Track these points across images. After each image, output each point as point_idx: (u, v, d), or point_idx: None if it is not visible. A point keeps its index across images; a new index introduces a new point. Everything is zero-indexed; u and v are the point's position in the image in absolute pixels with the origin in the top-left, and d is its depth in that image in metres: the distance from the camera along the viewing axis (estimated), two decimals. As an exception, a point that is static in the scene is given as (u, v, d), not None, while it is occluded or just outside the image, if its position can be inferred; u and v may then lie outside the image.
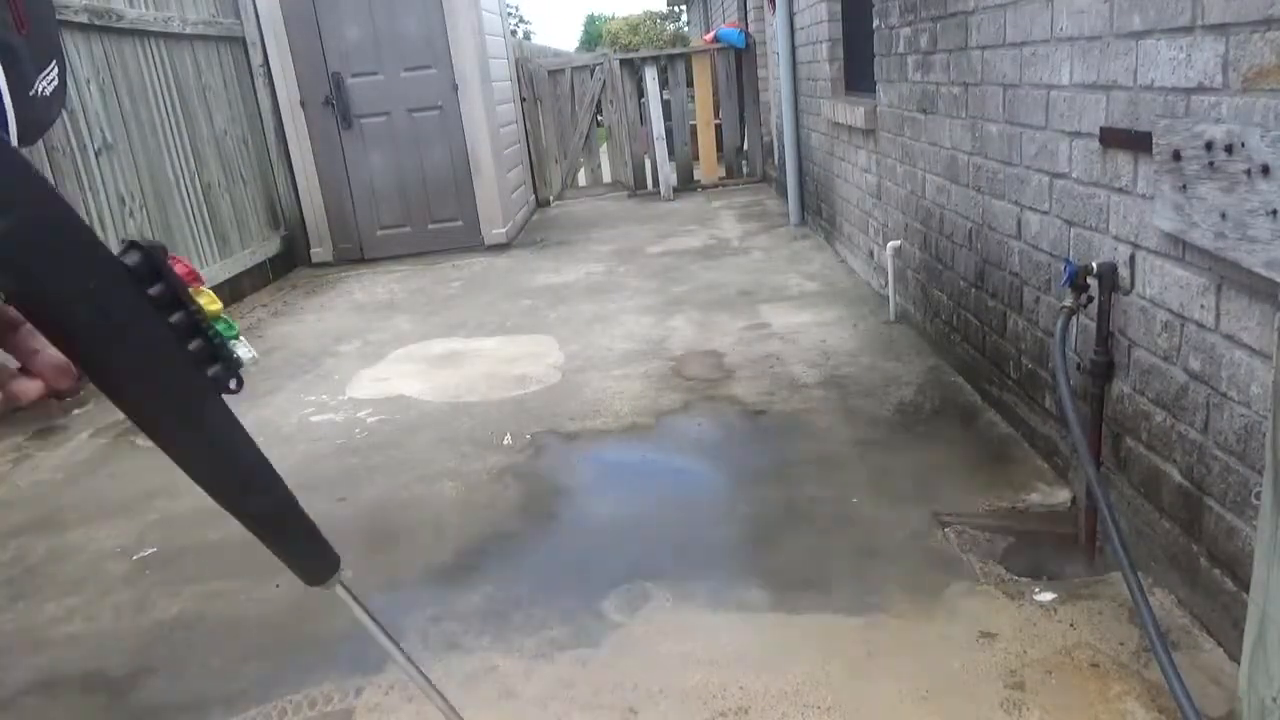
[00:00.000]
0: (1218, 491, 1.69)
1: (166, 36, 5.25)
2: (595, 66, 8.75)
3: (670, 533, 2.38)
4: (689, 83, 8.65)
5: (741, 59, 8.60)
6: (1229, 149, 1.47)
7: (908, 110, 3.64)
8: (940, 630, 1.87)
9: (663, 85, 8.89)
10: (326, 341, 4.60)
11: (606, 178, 9.28)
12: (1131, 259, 1.95)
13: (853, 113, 4.50)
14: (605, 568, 2.23)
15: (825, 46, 5.20)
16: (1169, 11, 1.71)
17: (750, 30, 8.46)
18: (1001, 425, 2.80)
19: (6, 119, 0.67)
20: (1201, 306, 1.70)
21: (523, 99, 8.49)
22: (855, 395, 3.20)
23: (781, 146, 6.77)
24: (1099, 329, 2.03)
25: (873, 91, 4.17)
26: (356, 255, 6.75)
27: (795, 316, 4.24)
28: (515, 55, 8.48)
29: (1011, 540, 2.18)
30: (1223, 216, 1.51)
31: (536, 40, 22.69)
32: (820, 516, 2.38)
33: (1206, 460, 1.72)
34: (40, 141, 3.68)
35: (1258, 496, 1.43)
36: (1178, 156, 1.63)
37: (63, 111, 3.39)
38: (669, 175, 8.67)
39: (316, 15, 6.32)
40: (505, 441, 3.09)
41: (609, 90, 8.68)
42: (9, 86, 0.67)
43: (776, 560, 2.20)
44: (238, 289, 5.70)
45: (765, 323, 4.18)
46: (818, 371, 3.47)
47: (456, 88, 6.51)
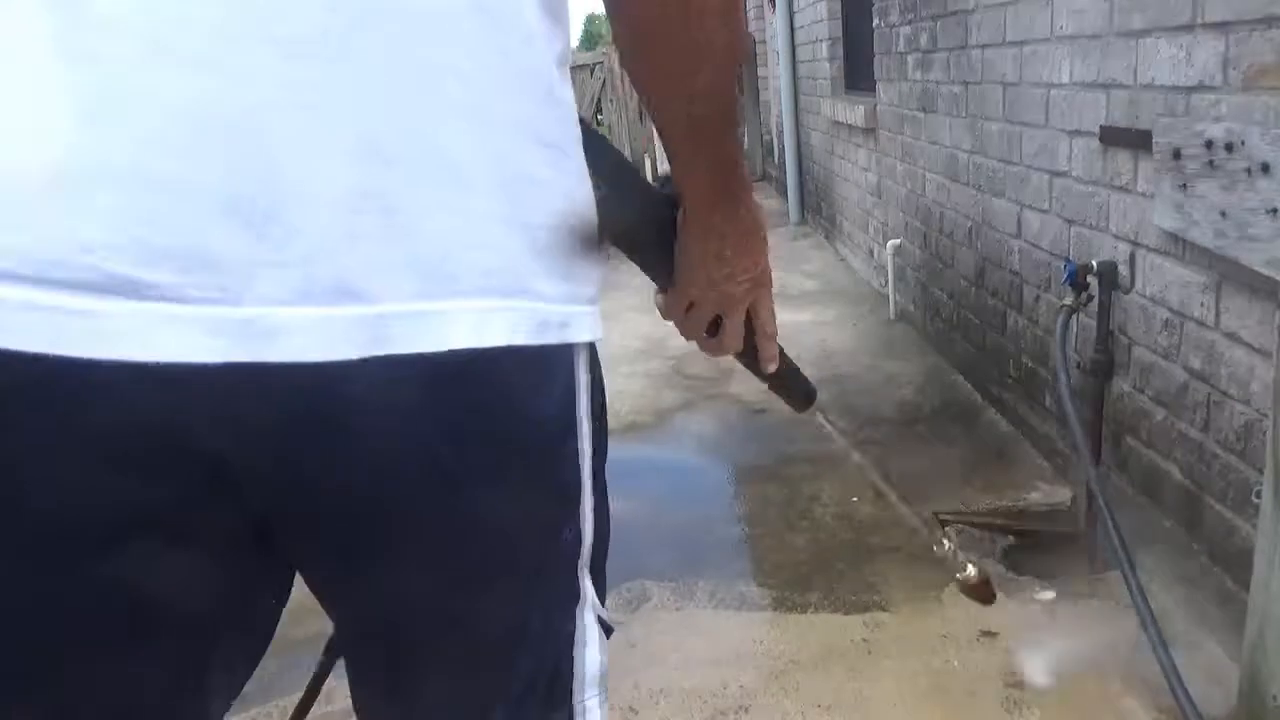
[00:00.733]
0: (1218, 490, 1.68)
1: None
2: (595, 65, 8.74)
3: (670, 531, 2.37)
4: (689, 82, 8.63)
5: (741, 58, 8.59)
6: (1229, 147, 1.47)
7: (908, 109, 3.63)
8: (940, 629, 1.87)
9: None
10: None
11: (607, 177, 9.28)
12: (1131, 257, 1.95)
13: (853, 111, 4.50)
14: (606, 566, 2.23)
15: (825, 45, 5.20)
16: (1169, 10, 1.71)
17: (750, 29, 8.45)
18: (1001, 424, 2.80)
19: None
20: (1201, 305, 1.70)
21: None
22: (855, 394, 3.20)
23: (781, 145, 6.77)
24: (1099, 327, 2.02)
25: (873, 90, 4.17)
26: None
27: (795, 315, 4.23)
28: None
29: (1011, 540, 2.18)
30: (1223, 215, 1.50)
31: (536, 39, 22.60)
32: (820, 515, 2.38)
33: (1206, 459, 1.72)
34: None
35: (1258, 495, 1.43)
36: (1178, 155, 1.63)
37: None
38: (669, 174, 8.66)
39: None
40: (505, 441, 3.08)
41: (609, 89, 8.67)
42: None
43: (777, 559, 2.20)
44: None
45: (765, 322, 4.17)
46: (818, 370, 3.46)
47: (456, 87, 6.50)
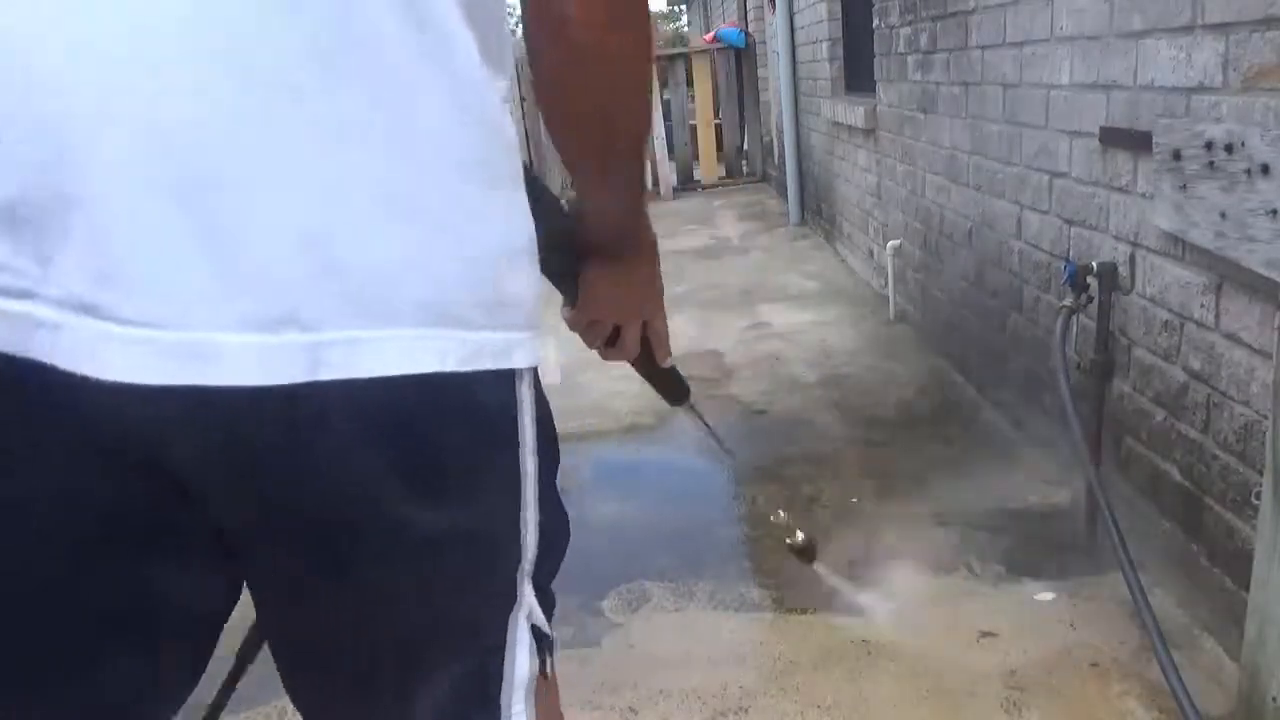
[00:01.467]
0: (1217, 491, 1.68)
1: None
2: (595, 66, 8.74)
3: (670, 532, 2.38)
4: (689, 82, 8.64)
5: (741, 59, 8.60)
6: (1229, 148, 1.47)
7: (908, 110, 3.64)
8: (940, 630, 1.87)
9: (662, 85, 8.88)
10: (326, 341, 4.59)
11: (606, 177, 9.28)
12: (1131, 258, 1.95)
13: (853, 112, 4.50)
14: (605, 567, 2.23)
15: (825, 46, 5.20)
16: (1169, 11, 1.71)
17: (750, 30, 8.46)
18: (1001, 425, 2.80)
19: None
20: (1201, 306, 1.70)
21: (523, 99, 8.48)
22: (855, 394, 3.20)
23: (781, 146, 6.77)
24: (1099, 328, 2.03)
25: (873, 91, 4.17)
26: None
27: (795, 316, 4.24)
28: (515, 55, 8.46)
29: (1011, 540, 2.18)
30: (1223, 216, 1.51)
31: (536, 40, 22.62)
32: (820, 516, 2.38)
33: (1206, 460, 1.72)
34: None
35: (1258, 496, 1.43)
36: (1178, 156, 1.63)
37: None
38: (669, 175, 8.67)
39: (316, 15, 6.31)
40: (505, 441, 3.08)
41: (609, 90, 8.67)
42: None
43: (776, 559, 2.20)
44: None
45: (765, 322, 4.18)
46: (818, 371, 3.47)
47: (456, 87, 6.50)
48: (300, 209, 0.56)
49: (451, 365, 0.59)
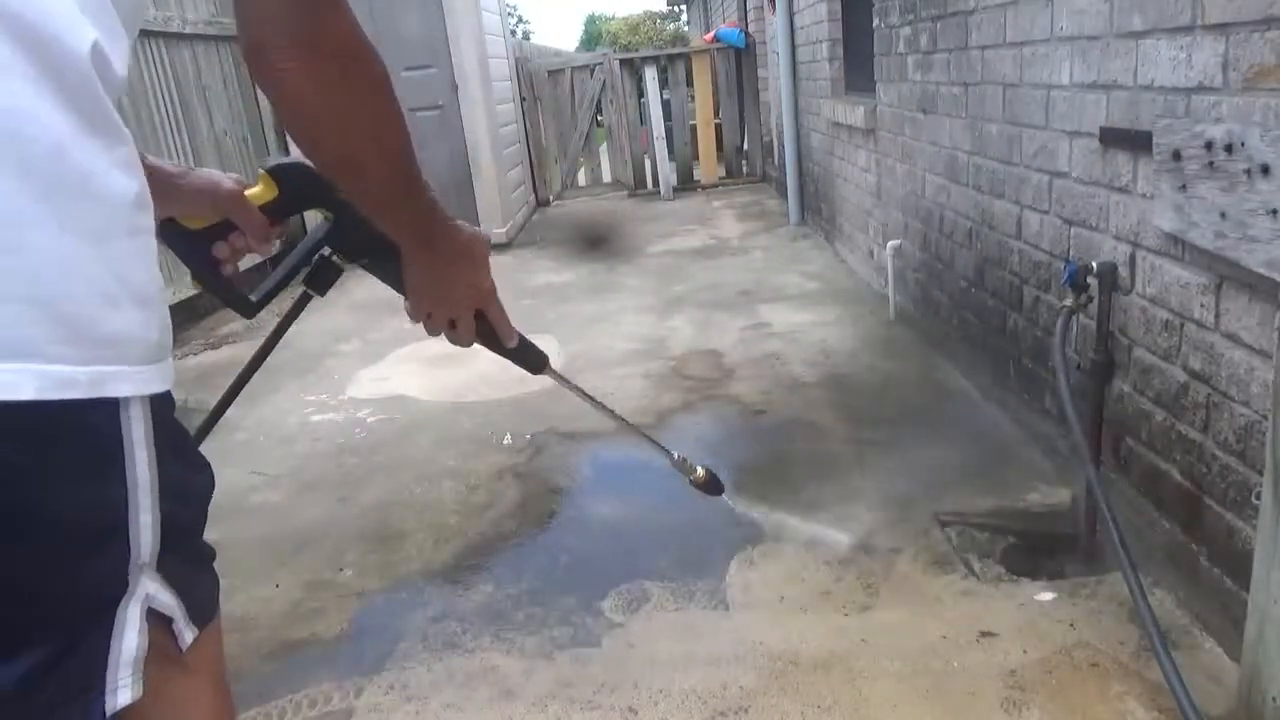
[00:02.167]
0: (1217, 491, 1.69)
1: (166, 36, 5.24)
2: (595, 66, 8.75)
3: (670, 532, 2.37)
4: (689, 82, 8.65)
5: (741, 59, 8.60)
6: (1229, 148, 1.47)
7: (908, 110, 3.64)
8: (940, 630, 1.87)
9: (662, 85, 8.89)
10: (326, 341, 4.60)
11: (606, 177, 9.28)
12: (1131, 258, 1.95)
13: (853, 112, 4.50)
14: (605, 567, 2.23)
15: (825, 46, 5.20)
16: (1169, 11, 1.71)
17: (750, 30, 8.46)
18: (1001, 425, 2.80)
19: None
20: (1201, 306, 1.70)
21: (522, 99, 8.49)
22: (855, 395, 3.20)
23: (781, 146, 6.77)
24: (1099, 328, 2.03)
25: (873, 91, 4.18)
26: (356, 255, 6.75)
27: (795, 316, 4.24)
28: (515, 55, 8.48)
29: (1011, 540, 2.19)
30: (1222, 216, 1.51)
31: (536, 40, 22.69)
32: (820, 516, 2.38)
33: (1206, 460, 1.72)
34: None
35: (1258, 496, 1.43)
36: (1178, 156, 1.63)
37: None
38: (669, 175, 8.67)
39: (316, 15, 6.32)
40: (505, 441, 3.09)
41: (609, 90, 8.68)
42: None
43: (776, 559, 2.20)
44: (238, 289, 5.69)
45: (765, 322, 4.18)
46: (818, 371, 3.47)
47: (456, 87, 6.51)
48: None
49: (29, 394, 0.64)
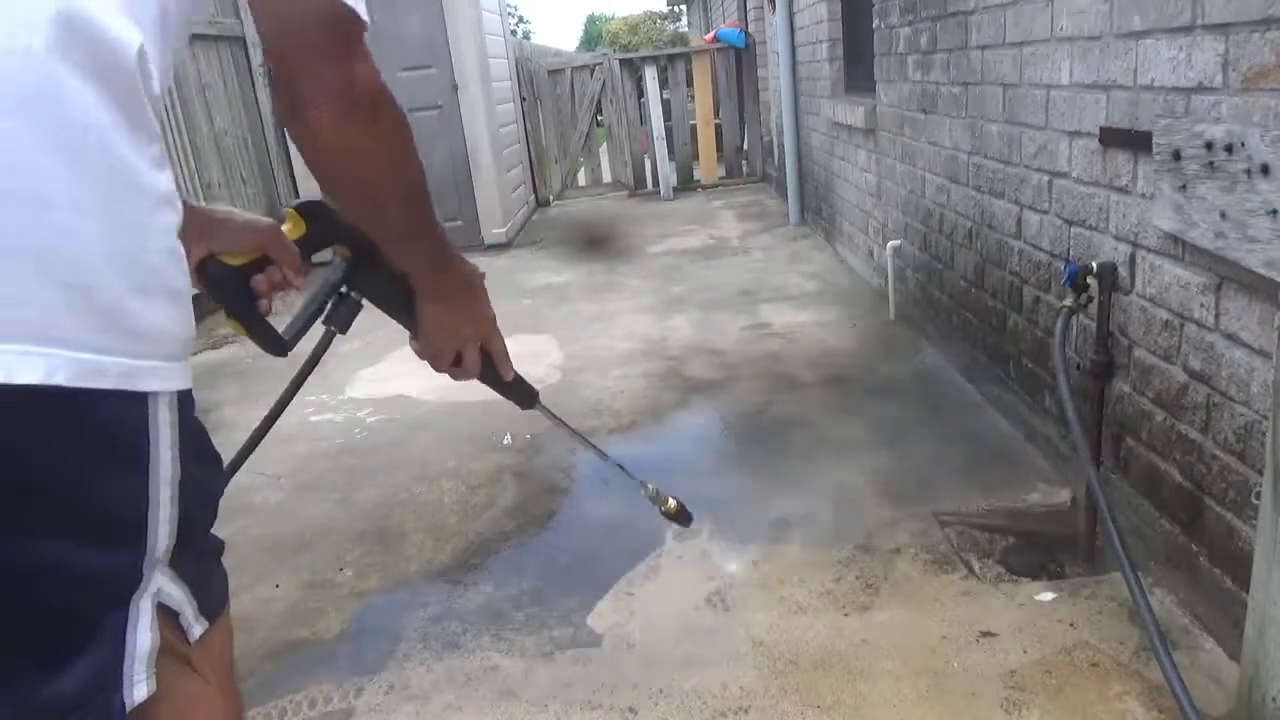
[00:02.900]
0: (1217, 491, 1.69)
1: (166, 36, 5.24)
2: (595, 66, 8.75)
3: (669, 532, 2.38)
4: (689, 82, 8.65)
5: (741, 59, 8.60)
6: (1229, 149, 1.47)
7: (908, 110, 3.64)
8: (940, 630, 1.87)
9: (662, 85, 8.89)
10: (326, 341, 4.59)
11: (606, 177, 9.28)
12: (1131, 258, 1.95)
13: (853, 112, 4.50)
14: (605, 567, 2.23)
15: (825, 46, 5.20)
16: (1169, 11, 1.71)
17: (750, 30, 8.46)
18: (1001, 425, 2.80)
19: None
20: (1201, 306, 1.70)
21: (522, 99, 8.49)
22: (855, 395, 3.20)
23: (781, 146, 6.77)
24: (1099, 328, 2.03)
25: (873, 91, 4.18)
26: (356, 255, 6.75)
27: (795, 316, 4.24)
28: (515, 55, 8.48)
29: (1011, 540, 2.19)
30: (1222, 216, 1.51)
31: (536, 40, 22.66)
32: (820, 516, 2.38)
33: (1206, 460, 1.72)
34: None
35: (1258, 496, 1.43)
36: (1178, 156, 1.63)
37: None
38: (669, 175, 8.67)
39: (316, 15, 6.32)
40: (505, 441, 3.09)
41: (609, 90, 8.68)
42: None
43: (776, 559, 2.20)
44: (237, 289, 5.69)
45: (765, 322, 4.18)
46: (818, 371, 3.47)
47: (456, 88, 6.51)
48: None
49: (60, 380, 0.64)
